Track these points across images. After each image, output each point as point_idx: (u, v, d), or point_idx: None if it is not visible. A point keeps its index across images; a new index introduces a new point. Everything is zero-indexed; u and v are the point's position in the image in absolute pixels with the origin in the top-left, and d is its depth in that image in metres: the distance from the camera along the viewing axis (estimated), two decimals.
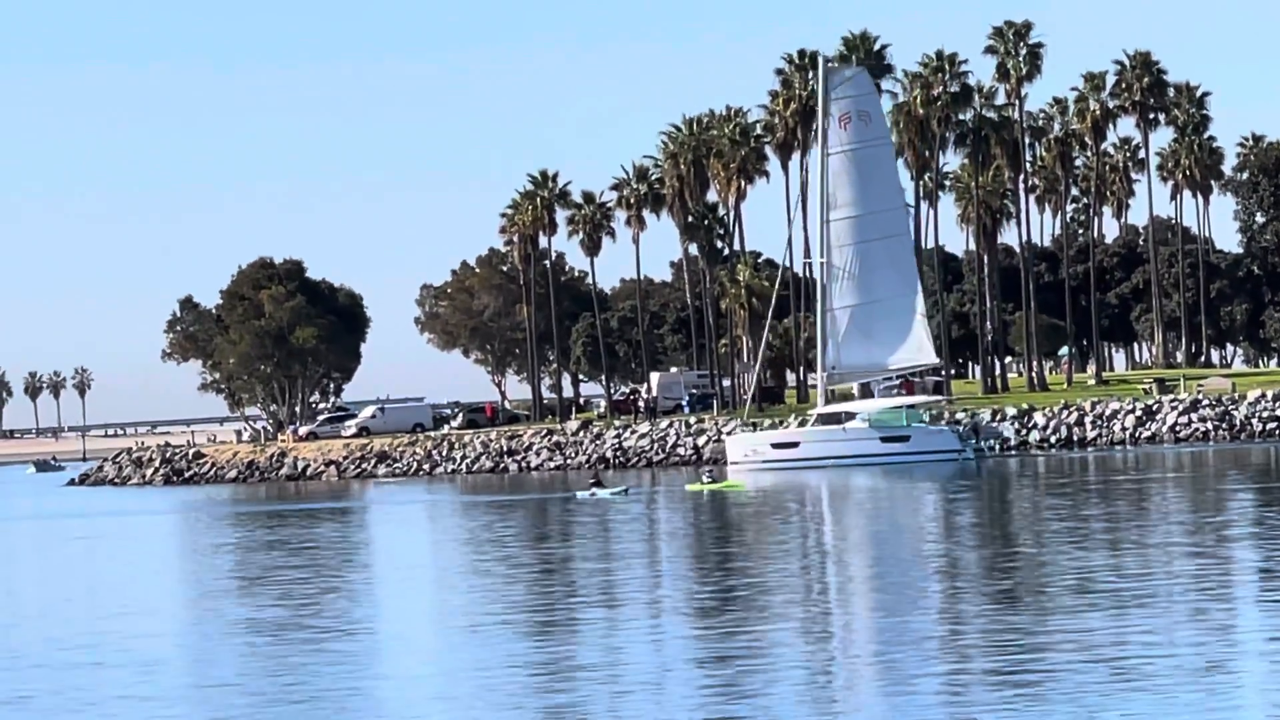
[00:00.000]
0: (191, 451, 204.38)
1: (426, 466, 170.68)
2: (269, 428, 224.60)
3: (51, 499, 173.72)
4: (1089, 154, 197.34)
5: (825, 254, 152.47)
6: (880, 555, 66.06)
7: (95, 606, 60.81)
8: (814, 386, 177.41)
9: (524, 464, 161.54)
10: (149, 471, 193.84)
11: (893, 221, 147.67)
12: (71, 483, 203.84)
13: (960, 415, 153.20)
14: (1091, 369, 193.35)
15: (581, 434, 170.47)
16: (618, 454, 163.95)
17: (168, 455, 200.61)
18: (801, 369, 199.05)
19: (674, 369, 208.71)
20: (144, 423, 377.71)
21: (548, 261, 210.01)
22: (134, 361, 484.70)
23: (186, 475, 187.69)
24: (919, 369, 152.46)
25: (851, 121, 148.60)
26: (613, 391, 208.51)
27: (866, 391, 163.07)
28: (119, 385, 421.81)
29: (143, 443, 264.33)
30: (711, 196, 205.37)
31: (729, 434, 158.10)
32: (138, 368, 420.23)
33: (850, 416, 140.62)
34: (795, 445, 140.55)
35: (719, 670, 31.90)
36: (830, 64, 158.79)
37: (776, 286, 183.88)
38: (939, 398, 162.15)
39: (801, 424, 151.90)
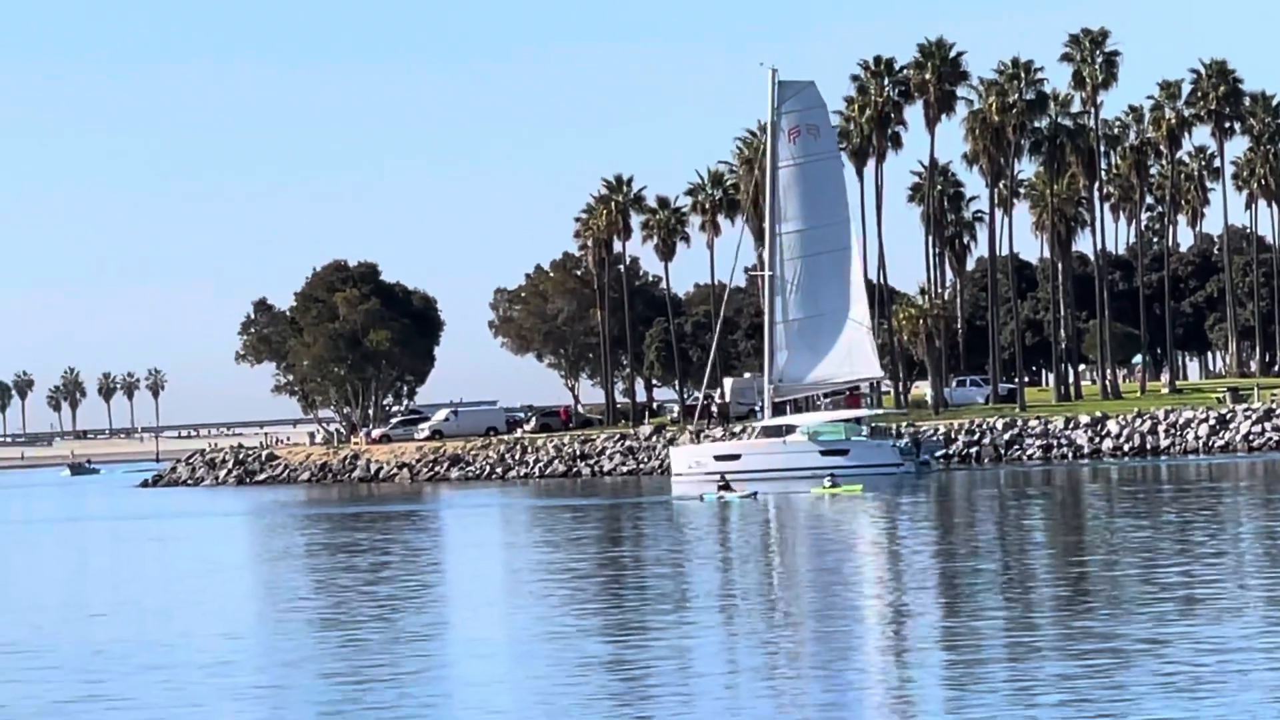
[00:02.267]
0: (265, 453, 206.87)
1: (500, 470, 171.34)
2: (342, 430, 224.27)
3: (126, 500, 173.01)
4: (1164, 162, 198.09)
5: (772, 267, 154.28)
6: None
7: (165, 608, 60.11)
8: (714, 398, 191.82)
9: (597, 468, 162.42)
10: (222, 473, 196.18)
11: (838, 235, 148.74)
12: (145, 484, 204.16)
13: (903, 428, 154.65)
14: (1165, 377, 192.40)
15: (654, 438, 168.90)
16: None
17: (240, 457, 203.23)
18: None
19: (747, 374, 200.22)
20: (217, 424, 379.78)
21: (622, 266, 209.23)
22: (208, 363, 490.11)
23: (259, 477, 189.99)
24: (862, 381, 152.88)
25: (800, 135, 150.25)
26: (686, 396, 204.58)
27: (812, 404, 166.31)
28: (192, 387, 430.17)
29: (215, 444, 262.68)
30: None
31: (673, 445, 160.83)
32: (211, 369, 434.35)
33: (791, 429, 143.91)
34: (737, 457, 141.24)
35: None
36: (781, 77, 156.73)
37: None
38: (883, 410, 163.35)
39: (737, 437, 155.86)
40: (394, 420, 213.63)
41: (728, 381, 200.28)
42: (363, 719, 27.36)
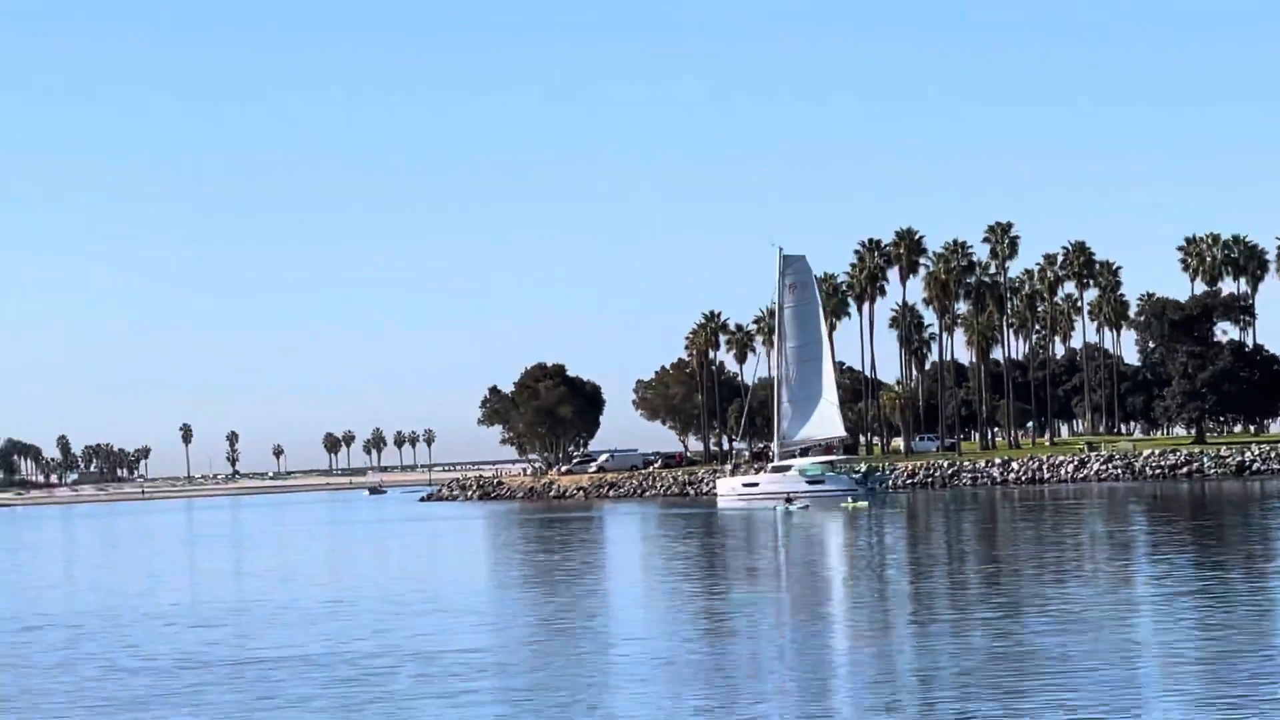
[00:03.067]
0: (495, 481, 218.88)
1: (639, 492, 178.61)
2: (542, 467, 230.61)
3: (412, 509, 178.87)
4: (1046, 304, 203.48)
5: (781, 370, 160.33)
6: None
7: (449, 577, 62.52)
8: (751, 454, 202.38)
9: (698, 490, 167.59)
10: (469, 493, 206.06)
11: (815, 350, 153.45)
12: (422, 499, 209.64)
13: (860, 467, 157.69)
14: (1047, 436, 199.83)
15: (734, 473, 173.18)
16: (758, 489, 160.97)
17: (480, 483, 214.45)
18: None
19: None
20: (466, 462, 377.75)
21: (713, 367, 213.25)
22: (461, 424, 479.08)
23: (492, 495, 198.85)
24: (831, 439, 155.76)
25: (796, 289, 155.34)
26: (752, 448, 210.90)
27: (804, 453, 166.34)
28: (451, 439, 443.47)
29: (465, 475, 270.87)
30: None
31: (718, 477, 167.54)
32: (462, 428, 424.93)
33: (789, 468, 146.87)
34: (756, 485, 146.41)
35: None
36: (786, 251, 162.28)
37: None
38: (846, 457, 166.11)
39: (759, 472, 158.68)
40: (574, 460, 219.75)
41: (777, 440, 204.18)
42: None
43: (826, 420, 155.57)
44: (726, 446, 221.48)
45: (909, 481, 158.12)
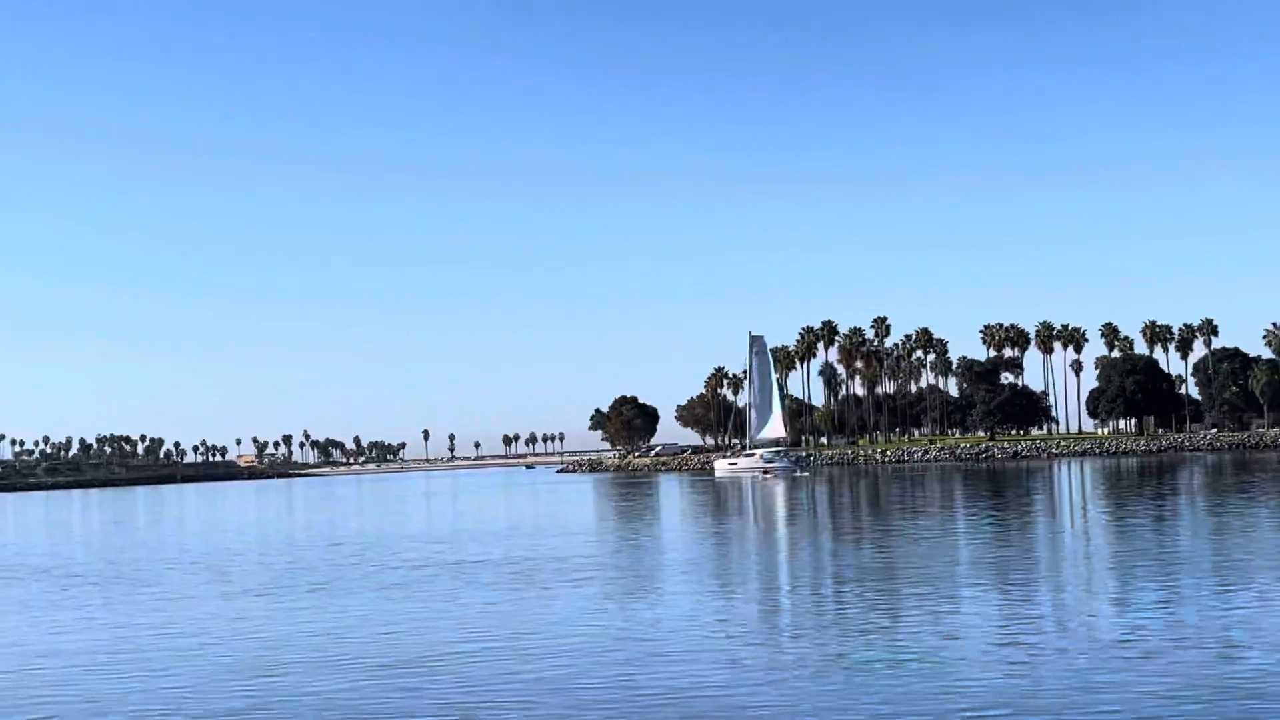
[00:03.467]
0: (598, 461, 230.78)
1: (676, 467, 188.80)
2: (624, 452, 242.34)
3: (551, 477, 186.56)
4: (906, 362, 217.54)
5: (750, 399, 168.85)
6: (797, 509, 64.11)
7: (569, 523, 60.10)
8: (744, 446, 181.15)
9: (709, 467, 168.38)
10: (583, 468, 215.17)
11: (768, 395, 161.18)
12: (558, 472, 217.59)
13: (802, 454, 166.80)
14: (906, 436, 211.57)
15: (720, 459, 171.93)
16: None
17: (590, 463, 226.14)
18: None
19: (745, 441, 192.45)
20: (582, 451, 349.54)
21: (719, 397, 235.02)
22: (578, 428, 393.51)
23: (597, 469, 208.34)
24: (782, 438, 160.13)
25: (759, 354, 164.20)
26: (737, 444, 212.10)
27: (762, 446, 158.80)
28: (572, 436, 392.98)
29: (581, 459, 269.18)
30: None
31: (714, 460, 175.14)
32: (579, 430, 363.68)
33: (753, 455, 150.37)
34: (737, 463, 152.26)
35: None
36: (754, 332, 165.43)
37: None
38: (790, 448, 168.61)
39: (739, 457, 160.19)
40: (641, 450, 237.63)
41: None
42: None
43: (773, 428, 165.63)
44: (726, 443, 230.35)
45: (828, 462, 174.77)
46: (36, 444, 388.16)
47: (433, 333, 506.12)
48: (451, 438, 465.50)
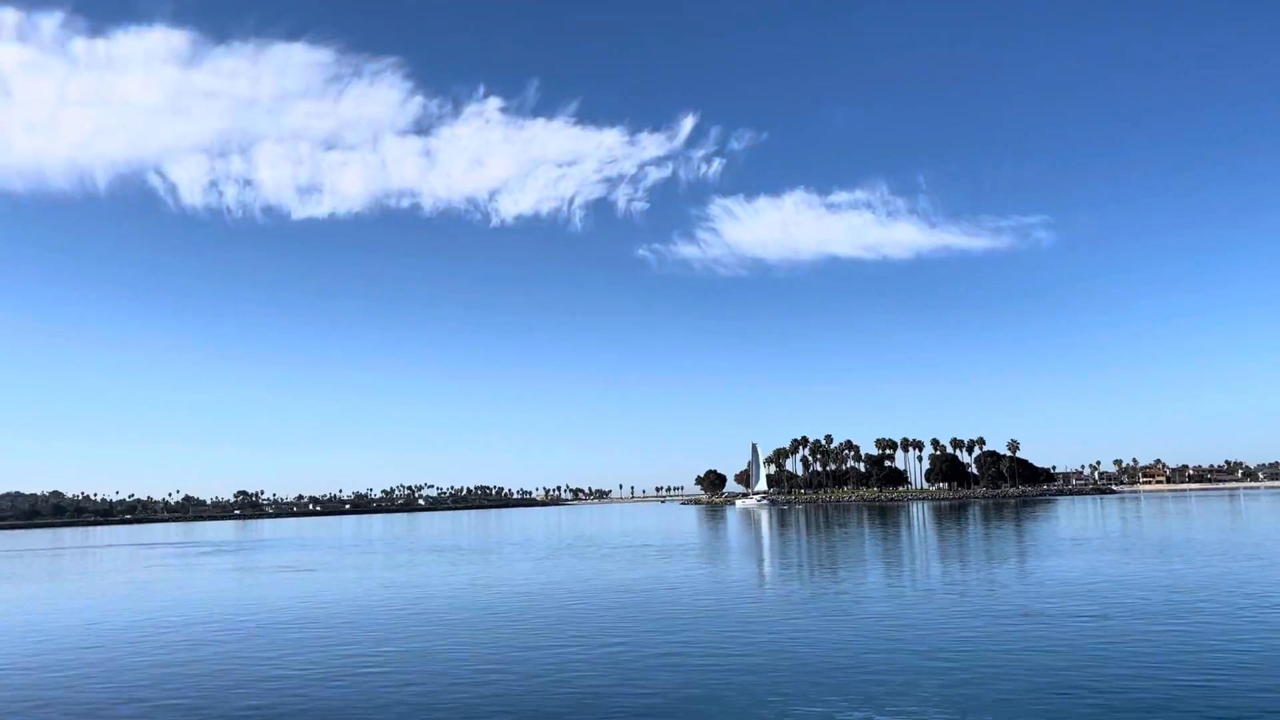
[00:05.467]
0: (698, 499, 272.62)
1: (727, 505, 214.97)
2: (709, 496, 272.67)
3: (678, 508, 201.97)
4: (841, 458, 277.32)
5: (752, 473, 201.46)
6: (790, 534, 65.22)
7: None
8: (750, 492, 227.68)
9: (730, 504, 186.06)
10: (691, 503, 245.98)
11: (758, 471, 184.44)
12: (682, 504, 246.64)
13: (771, 497, 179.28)
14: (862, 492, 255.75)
15: (738, 501, 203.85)
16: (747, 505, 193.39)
17: (697, 499, 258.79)
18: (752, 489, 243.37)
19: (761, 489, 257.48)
20: (691, 494, 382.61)
21: (746, 473, 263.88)
22: (689, 482, 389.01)
23: (699, 502, 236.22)
24: (766, 491, 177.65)
25: (756, 453, 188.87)
26: (749, 493, 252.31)
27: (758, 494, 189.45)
28: (689, 488, 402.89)
29: (691, 497, 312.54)
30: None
31: (737, 502, 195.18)
32: (690, 483, 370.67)
33: (755, 498, 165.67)
34: (747, 502, 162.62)
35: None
36: (754, 441, 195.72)
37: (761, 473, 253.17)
38: (767, 495, 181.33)
39: (745, 499, 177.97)
40: (718, 495, 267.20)
41: (758, 490, 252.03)
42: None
43: (759, 487, 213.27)
44: (746, 493, 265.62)
45: (803, 502, 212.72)
46: (450, 489, 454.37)
47: (618, 424, 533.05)
48: (632, 488, 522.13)
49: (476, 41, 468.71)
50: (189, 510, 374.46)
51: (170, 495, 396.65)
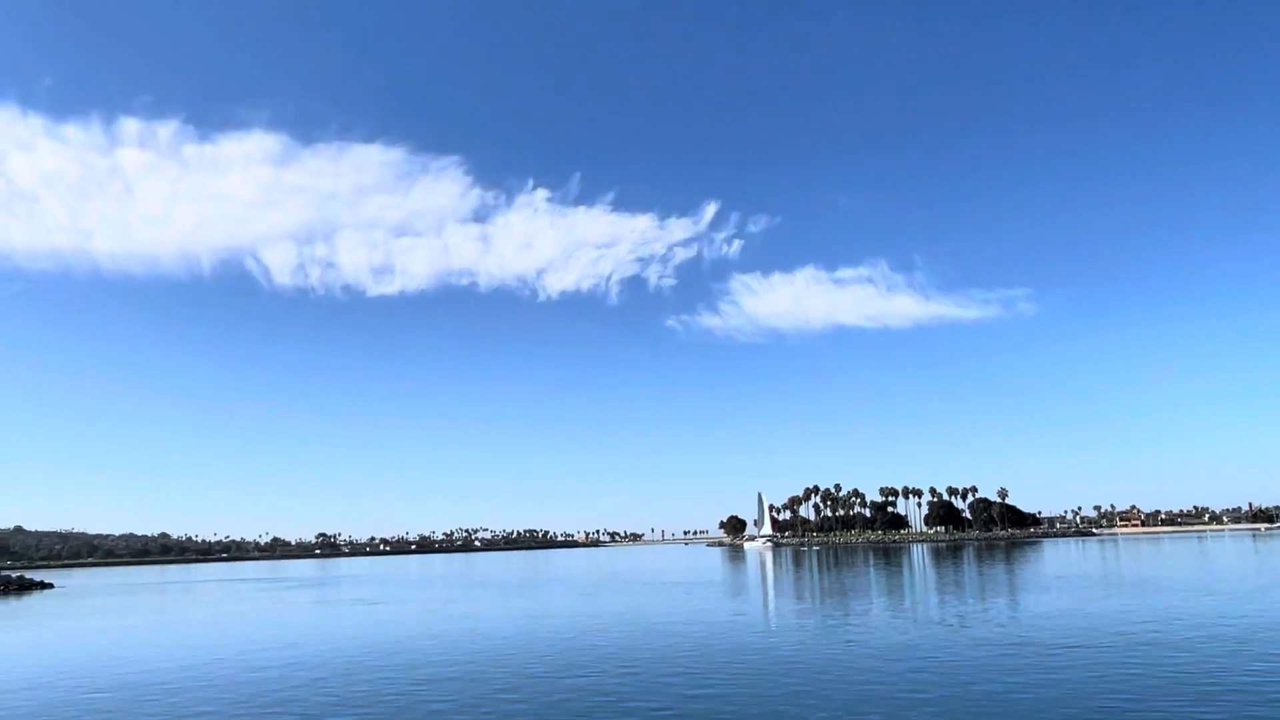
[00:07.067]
0: (721, 541, 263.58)
1: (739, 546, 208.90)
2: (730, 539, 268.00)
3: (702, 549, 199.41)
4: (848, 504, 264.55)
5: (761, 517, 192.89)
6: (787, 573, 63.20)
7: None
8: (757, 535, 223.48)
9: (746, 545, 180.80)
10: (714, 545, 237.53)
11: (764, 517, 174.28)
12: (707, 545, 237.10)
13: (775, 540, 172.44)
14: (868, 535, 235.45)
15: (748, 542, 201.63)
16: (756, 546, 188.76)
17: (721, 541, 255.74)
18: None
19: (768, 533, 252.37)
20: (716, 537, 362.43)
21: (755, 520, 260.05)
22: (713, 526, 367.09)
23: (722, 544, 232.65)
24: (771, 535, 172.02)
25: (759, 502, 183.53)
26: (756, 536, 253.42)
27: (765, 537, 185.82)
28: (712, 530, 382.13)
29: (714, 539, 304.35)
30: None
31: (745, 542, 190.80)
32: (714, 527, 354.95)
33: (761, 540, 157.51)
34: (755, 543, 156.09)
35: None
36: (760, 490, 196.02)
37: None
38: (771, 538, 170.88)
39: (751, 541, 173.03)
40: (737, 538, 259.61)
41: (765, 533, 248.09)
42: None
43: (765, 531, 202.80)
44: (755, 536, 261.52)
45: (817, 544, 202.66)
46: (502, 531, 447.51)
47: (650, 475, 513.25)
48: (662, 531, 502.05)
49: (526, 141, 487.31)
50: (276, 550, 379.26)
51: (260, 537, 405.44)
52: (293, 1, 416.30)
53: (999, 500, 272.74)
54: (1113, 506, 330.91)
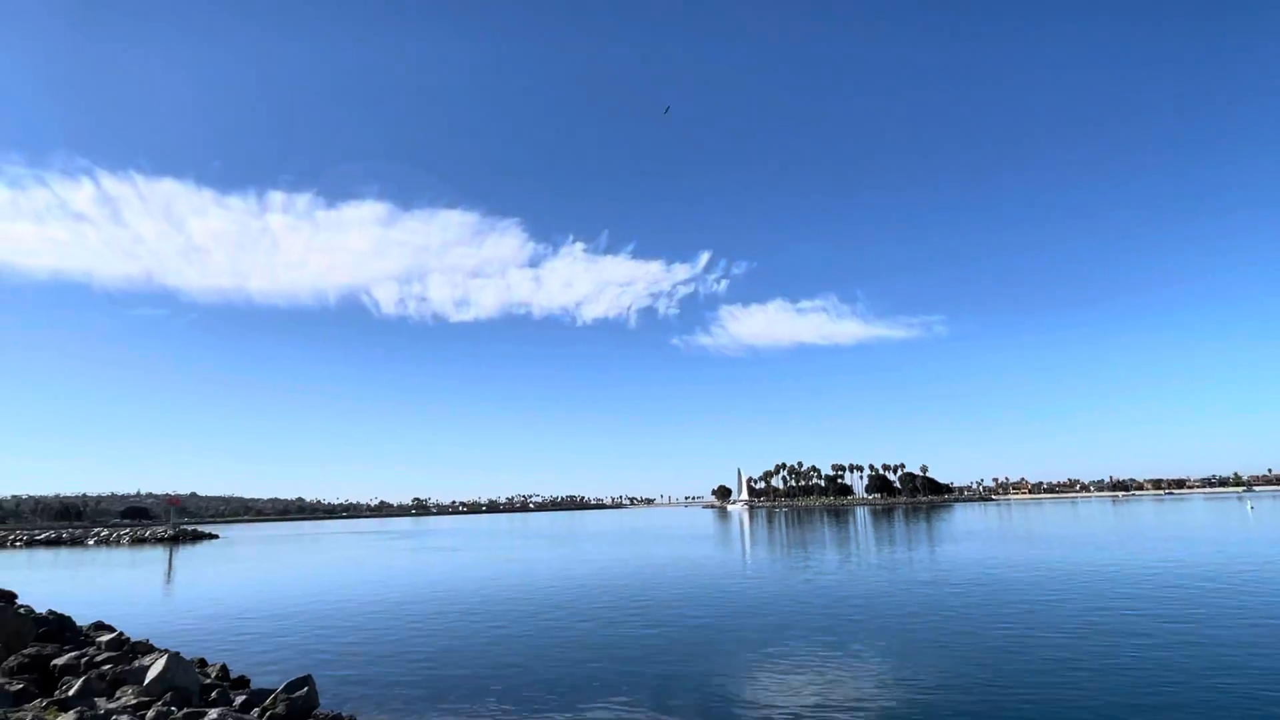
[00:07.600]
0: (713, 504, 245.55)
1: (722, 509, 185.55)
2: (720, 503, 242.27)
3: (700, 510, 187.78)
4: (811, 476, 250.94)
5: (738, 485, 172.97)
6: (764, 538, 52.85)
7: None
8: (736, 500, 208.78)
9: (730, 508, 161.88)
10: (708, 508, 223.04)
11: (740, 486, 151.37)
12: (704, 507, 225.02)
13: (751, 503, 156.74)
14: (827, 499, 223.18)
15: (732, 504, 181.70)
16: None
17: (712, 505, 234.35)
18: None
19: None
20: (710, 500, 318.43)
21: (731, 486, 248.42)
22: (706, 492, 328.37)
23: (714, 507, 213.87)
24: (745, 499, 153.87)
25: (740, 476, 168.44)
26: (736, 499, 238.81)
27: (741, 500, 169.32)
28: (706, 495, 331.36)
29: (708, 503, 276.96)
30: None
31: (727, 506, 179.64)
32: (707, 493, 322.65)
33: (736, 504, 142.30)
34: (736, 505, 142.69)
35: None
36: (739, 466, 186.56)
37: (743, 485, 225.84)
38: (747, 501, 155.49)
39: (731, 505, 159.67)
40: (728, 501, 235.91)
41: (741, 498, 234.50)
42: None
43: (742, 495, 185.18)
44: (735, 500, 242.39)
45: (783, 508, 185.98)
46: (550, 497, 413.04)
47: (660, 454, 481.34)
48: (669, 496, 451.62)
49: (568, 206, 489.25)
50: (382, 510, 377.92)
51: (370, 500, 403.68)
52: (395, 95, 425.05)
53: (921, 474, 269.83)
54: (1007, 478, 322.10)
